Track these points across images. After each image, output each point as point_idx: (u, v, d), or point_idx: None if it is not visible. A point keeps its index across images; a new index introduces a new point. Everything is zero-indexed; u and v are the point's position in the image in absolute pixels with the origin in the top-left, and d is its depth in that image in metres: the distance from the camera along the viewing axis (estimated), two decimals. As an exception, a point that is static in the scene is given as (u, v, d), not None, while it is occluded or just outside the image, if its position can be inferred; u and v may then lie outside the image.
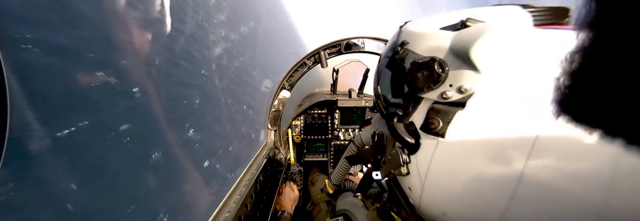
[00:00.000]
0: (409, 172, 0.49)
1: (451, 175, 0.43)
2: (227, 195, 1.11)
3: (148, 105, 2.22)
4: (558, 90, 0.32)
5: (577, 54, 0.28)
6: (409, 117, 0.49)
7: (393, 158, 0.51)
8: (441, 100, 0.43)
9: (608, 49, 0.24)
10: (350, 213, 0.86)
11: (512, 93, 0.38)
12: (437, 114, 0.43)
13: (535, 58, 0.38)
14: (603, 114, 0.28)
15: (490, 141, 0.39)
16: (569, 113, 0.32)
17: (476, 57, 0.38)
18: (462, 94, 0.40)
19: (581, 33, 0.26)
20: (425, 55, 0.44)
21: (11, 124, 0.45)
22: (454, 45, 0.41)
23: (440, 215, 0.46)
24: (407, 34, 0.51)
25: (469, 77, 0.40)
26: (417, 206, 0.52)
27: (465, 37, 0.40)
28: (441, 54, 0.42)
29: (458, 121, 0.41)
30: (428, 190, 0.47)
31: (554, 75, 0.36)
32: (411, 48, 0.48)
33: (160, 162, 1.38)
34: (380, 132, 0.61)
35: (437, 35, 0.45)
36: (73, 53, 1.20)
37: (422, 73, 0.43)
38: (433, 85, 0.43)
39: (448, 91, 0.42)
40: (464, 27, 0.42)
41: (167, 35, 1.54)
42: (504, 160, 0.38)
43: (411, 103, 0.48)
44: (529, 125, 0.36)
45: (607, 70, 0.25)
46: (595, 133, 0.29)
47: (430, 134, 0.44)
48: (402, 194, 0.56)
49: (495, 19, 0.40)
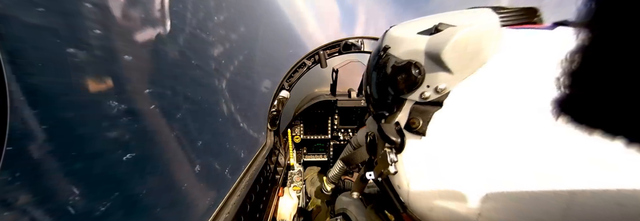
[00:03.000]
0: (397, 171, 0.51)
1: (432, 171, 0.45)
2: (226, 195, 1.11)
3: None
4: (557, 90, 0.32)
5: (577, 54, 0.28)
6: (395, 117, 0.52)
7: (382, 157, 0.53)
8: (421, 100, 0.46)
9: (608, 48, 0.24)
10: (349, 212, 0.87)
11: (483, 91, 0.41)
12: (418, 114, 0.46)
13: (502, 56, 0.41)
14: (603, 114, 0.28)
15: (467, 137, 0.41)
16: (569, 114, 0.32)
17: (447, 58, 0.41)
18: (439, 94, 0.43)
19: (581, 33, 0.25)
20: (403, 59, 0.47)
21: (11, 123, 0.44)
22: (428, 49, 0.44)
23: (426, 211, 0.48)
24: (389, 39, 0.53)
25: (443, 78, 0.43)
26: (407, 204, 0.54)
27: (437, 40, 0.43)
28: (418, 57, 0.45)
29: (437, 119, 0.44)
30: (413, 187, 0.49)
31: (521, 72, 0.39)
32: (392, 52, 0.51)
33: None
34: (372, 132, 0.63)
35: (414, 39, 0.47)
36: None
37: (401, 76, 0.46)
38: (412, 87, 0.46)
39: (426, 91, 0.45)
40: (437, 31, 0.44)
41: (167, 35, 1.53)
42: (480, 155, 0.40)
43: (396, 104, 0.51)
44: (500, 121, 0.38)
45: (607, 70, 0.25)
46: (595, 133, 0.29)
47: (412, 133, 0.47)
48: (393, 192, 0.58)
49: (465, 22, 0.42)
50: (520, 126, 0.37)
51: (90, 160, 0.63)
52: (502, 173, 0.38)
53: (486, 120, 0.39)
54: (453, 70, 0.41)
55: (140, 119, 0.83)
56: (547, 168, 0.35)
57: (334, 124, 2.51)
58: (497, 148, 0.38)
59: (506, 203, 0.38)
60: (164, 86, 0.99)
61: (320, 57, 1.81)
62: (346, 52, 1.83)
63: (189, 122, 1.13)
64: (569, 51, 0.30)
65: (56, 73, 0.57)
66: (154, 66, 0.96)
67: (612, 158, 0.31)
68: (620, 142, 0.27)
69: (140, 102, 0.85)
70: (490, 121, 0.39)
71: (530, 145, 0.36)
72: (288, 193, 1.68)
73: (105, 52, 0.71)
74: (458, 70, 0.41)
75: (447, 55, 0.41)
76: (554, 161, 0.34)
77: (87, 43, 0.65)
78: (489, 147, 0.39)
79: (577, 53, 0.27)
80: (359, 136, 0.93)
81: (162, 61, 1.04)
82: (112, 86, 0.71)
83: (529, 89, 0.37)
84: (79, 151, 0.60)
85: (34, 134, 0.50)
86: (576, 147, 0.33)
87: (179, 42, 1.18)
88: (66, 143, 0.58)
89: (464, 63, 0.41)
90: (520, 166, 0.37)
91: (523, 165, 0.36)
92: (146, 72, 0.90)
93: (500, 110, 0.39)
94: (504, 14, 0.45)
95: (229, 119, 1.58)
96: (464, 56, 0.41)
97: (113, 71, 0.74)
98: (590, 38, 0.25)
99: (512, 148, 0.37)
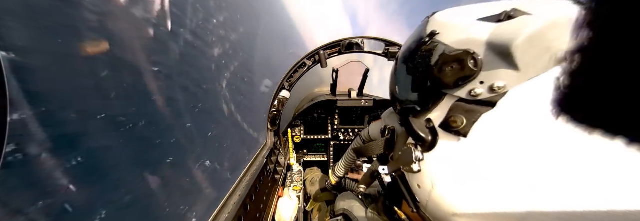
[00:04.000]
0: (420, 170, 0.47)
1: (469, 177, 0.41)
2: (226, 195, 1.11)
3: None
4: (557, 90, 0.32)
5: (577, 54, 0.28)
6: (428, 113, 0.46)
7: (404, 154, 0.49)
8: (468, 97, 0.39)
9: (608, 48, 0.24)
10: (350, 213, 0.86)
11: (548, 97, 0.35)
12: (461, 112, 0.40)
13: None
14: (603, 114, 0.28)
15: (519, 148, 0.36)
16: (569, 113, 0.31)
17: (518, 52, 0.34)
18: (494, 93, 0.37)
19: (581, 33, 0.25)
20: (457, 48, 0.40)
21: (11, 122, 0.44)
22: (493, 39, 0.37)
23: (448, 216, 0.45)
24: (437, 24, 0.46)
25: (504, 75, 0.36)
26: (424, 205, 0.51)
27: (509, 29, 0.36)
28: (476, 47, 0.38)
29: (484, 122, 0.38)
30: (439, 189, 0.45)
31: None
32: (441, 39, 0.43)
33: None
34: (392, 127, 0.60)
35: (474, 26, 0.40)
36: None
37: (451, 67, 0.39)
38: (462, 81, 0.39)
39: (477, 88, 0.38)
40: (508, 18, 0.37)
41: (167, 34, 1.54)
42: (533, 170, 0.35)
43: (432, 99, 0.45)
44: (563, 137, 0.33)
45: (607, 70, 0.25)
46: (595, 133, 0.29)
47: (450, 133, 0.42)
48: (408, 191, 0.55)
49: (545, 12, 0.35)
50: (585, 146, 0.32)
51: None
52: (554, 195, 0.34)
53: (546, 132, 0.34)
54: (521, 66, 0.35)
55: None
56: (608, 192, 0.31)
57: (334, 124, 2.51)
58: (554, 165, 0.34)
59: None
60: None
61: (321, 57, 1.81)
62: (347, 52, 1.82)
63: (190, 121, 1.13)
64: (569, 51, 0.29)
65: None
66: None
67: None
68: (620, 141, 0.27)
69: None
70: (551, 134, 0.34)
71: (594, 166, 0.32)
72: (288, 195, 1.68)
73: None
74: (526, 67, 0.35)
75: (519, 48, 0.34)
76: (616, 185, 0.31)
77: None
78: (544, 162, 0.34)
79: (577, 53, 0.27)
80: (372, 130, 0.87)
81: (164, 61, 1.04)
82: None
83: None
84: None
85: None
86: (633, 165, 0.30)
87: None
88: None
89: (536, 61, 0.34)
90: (579, 189, 0.33)
91: (583, 188, 0.33)
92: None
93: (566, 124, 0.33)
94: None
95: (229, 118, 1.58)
96: (538, 52, 0.34)
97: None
98: (590, 38, 0.25)
99: (572, 168, 0.33)
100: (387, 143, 0.61)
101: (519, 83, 0.36)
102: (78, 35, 0.64)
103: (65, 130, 0.60)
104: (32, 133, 0.51)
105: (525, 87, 0.36)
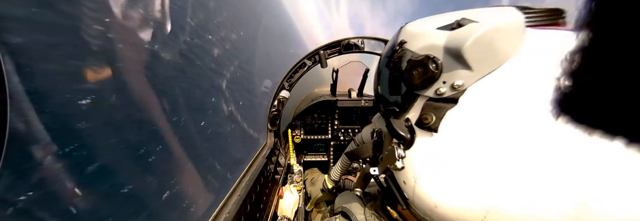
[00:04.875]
0: (403, 167, 0.51)
1: (442, 168, 0.45)
2: (226, 195, 1.11)
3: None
4: (557, 90, 0.32)
5: (577, 54, 0.28)
6: (406, 113, 0.51)
7: (389, 153, 0.53)
8: (435, 96, 0.45)
9: (608, 48, 0.24)
10: (348, 211, 0.87)
11: (500, 90, 0.40)
12: (431, 110, 0.45)
13: (523, 56, 0.40)
14: (603, 114, 0.28)
15: (479, 137, 0.40)
16: (569, 114, 0.32)
17: (468, 54, 0.40)
18: (455, 91, 0.43)
19: (581, 33, 0.25)
20: (421, 54, 0.46)
21: (11, 122, 0.44)
22: (448, 44, 0.43)
23: (431, 208, 0.48)
24: (406, 34, 0.52)
25: (461, 74, 0.42)
26: (411, 200, 0.54)
27: (458, 35, 0.42)
28: (436, 52, 0.44)
29: (450, 117, 0.43)
30: (420, 183, 0.49)
31: (541, 73, 0.38)
32: (408, 47, 0.50)
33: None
34: (379, 129, 0.64)
35: (433, 34, 0.46)
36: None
37: (417, 71, 0.45)
38: (428, 82, 0.45)
39: (441, 88, 0.44)
40: (459, 26, 0.43)
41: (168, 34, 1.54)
42: (492, 156, 0.39)
43: (408, 100, 0.50)
44: (514, 123, 0.38)
45: (607, 70, 0.25)
46: (595, 133, 0.29)
47: (423, 129, 0.47)
48: (397, 188, 0.58)
49: (489, 19, 0.41)
50: (533, 129, 0.36)
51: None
52: (512, 176, 0.37)
53: (500, 120, 0.39)
54: (472, 66, 0.41)
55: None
56: (563, 174, 0.34)
57: (334, 124, 2.51)
58: (509, 150, 0.37)
59: (515, 207, 0.37)
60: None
61: (321, 57, 1.81)
62: (347, 52, 1.82)
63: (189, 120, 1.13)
64: (569, 51, 0.30)
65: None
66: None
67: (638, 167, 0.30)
68: (620, 141, 0.27)
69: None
70: (504, 122, 0.38)
71: (542, 149, 0.35)
72: (289, 190, 1.68)
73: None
74: (477, 67, 0.41)
75: (468, 51, 0.40)
76: (571, 167, 0.33)
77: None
78: (501, 148, 0.38)
79: (577, 53, 0.27)
80: (364, 133, 0.93)
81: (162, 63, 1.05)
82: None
83: (548, 92, 0.36)
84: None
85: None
86: (595, 154, 0.32)
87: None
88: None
89: (484, 61, 0.40)
90: (533, 171, 0.36)
91: (536, 170, 0.35)
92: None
93: (515, 112, 0.38)
94: (530, 14, 0.44)
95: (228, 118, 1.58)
96: (485, 53, 0.40)
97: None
98: (590, 38, 0.25)
99: (523, 152, 0.36)
100: (376, 145, 0.64)
101: (474, 80, 0.41)
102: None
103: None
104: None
105: (480, 84, 0.41)
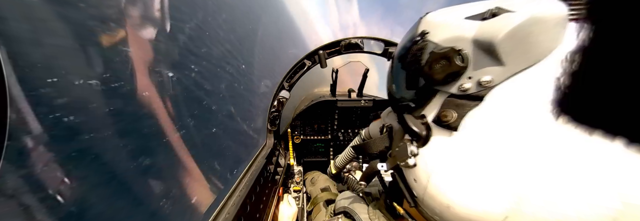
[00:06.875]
0: (415, 164, 0.49)
1: (460, 168, 0.42)
2: (226, 196, 1.10)
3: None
4: (557, 90, 0.32)
5: (577, 54, 0.28)
6: (421, 109, 0.48)
7: (400, 150, 0.51)
8: (458, 92, 0.41)
9: (608, 48, 0.24)
10: (350, 210, 0.86)
11: (533, 90, 0.35)
12: (452, 107, 0.42)
13: (564, 53, 0.35)
14: (603, 114, 0.28)
15: (505, 138, 0.37)
16: (569, 114, 0.31)
17: (501, 48, 0.36)
18: (481, 88, 0.39)
19: (581, 33, 0.25)
20: (445, 46, 0.42)
21: (11, 121, 0.44)
22: (478, 36, 0.38)
23: (443, 208, 0.46)
24: (428, 24, 0.48)
25: (490, 70, 0.38)
26: (421, 199, 0.52)
27: (492, 26, 0.37)
28: (463, 45, 0.40)
29: (473, 115, 0.40)
30: (434, 182, 0.46)
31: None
32: (431, 38, 0.45)
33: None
34: (389, 124, 0.62)
35: (461, 24, 0.42)
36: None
37: (440, 64, 0.41)
38: (451, 77, 0.41)
39: (466, 83, 0.40)
40: (492, 16, 0.38)
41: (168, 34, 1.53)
42: (517, 159, 0.37)
43: (425, 96, 0.47)
44: (545, 127, 0.34)
45: (607, 70, 0.25)
46: (595, 133, 0.29)
47: (442, 127, 0.44)
48: (406, 186, 0.57)
49: (528, 9, 0.36)
50: (568, 134, 0.33)
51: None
52: (540, 183, 0.35)
53: (530, 123, 0.36)
54: (505, 61, 0.36)
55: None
56: (591, 180, 0.32)
57: (334, 125, 2.50)
58: (539, 155, 0.35)
59: (538, 212, 0.36)
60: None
61: (320, 57, 1.80)
62: (347, 52, 1.82)
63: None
64: (569, 51, 0.29)
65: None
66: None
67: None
68: (620, 141, 0.27)
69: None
70: (534, 125, 0.35)
71: (577, 154, 0.33)
72: (287, 201, 1.66)
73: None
74: (511, 62, 0.36)
75: (503, 44, 0.35)
76: (599, 173, 0.31)
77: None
78: (531, 152, 0.36)
79: (577, 53, 0.27)
80: (372, 129, 0.89)
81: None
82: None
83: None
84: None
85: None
86: (624, 160, 0.30)
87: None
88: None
89: (519, 56, 0.36)
90: (560, 175, 0.34)
91: (564, 175, 0.33)
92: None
93: (549, 116, 0.34)
94: (575, 5, 0.37)
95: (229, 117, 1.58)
96: (521, 47, 0.35)
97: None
98: (590, 38, 0.25)
99: (555, 157, 0.34)
100: (385, 141, 0.62)
101: (505, 77, 0.37)
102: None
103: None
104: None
105: (510, 82, 0.37)
